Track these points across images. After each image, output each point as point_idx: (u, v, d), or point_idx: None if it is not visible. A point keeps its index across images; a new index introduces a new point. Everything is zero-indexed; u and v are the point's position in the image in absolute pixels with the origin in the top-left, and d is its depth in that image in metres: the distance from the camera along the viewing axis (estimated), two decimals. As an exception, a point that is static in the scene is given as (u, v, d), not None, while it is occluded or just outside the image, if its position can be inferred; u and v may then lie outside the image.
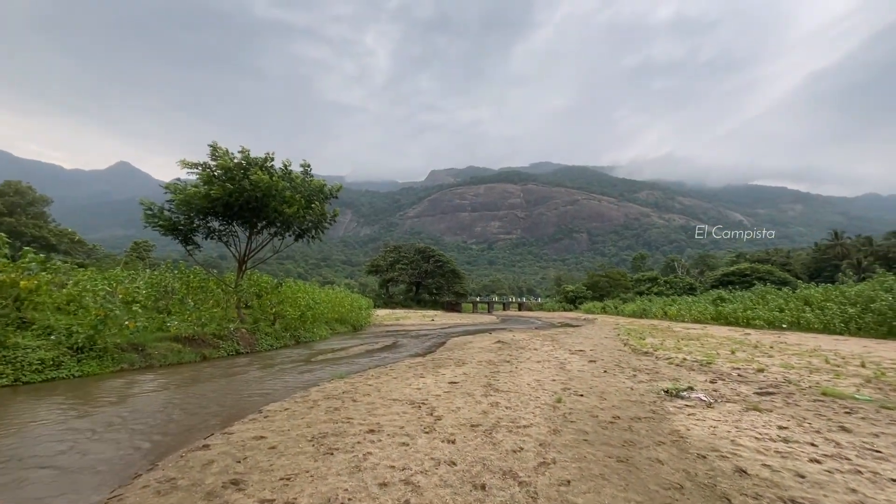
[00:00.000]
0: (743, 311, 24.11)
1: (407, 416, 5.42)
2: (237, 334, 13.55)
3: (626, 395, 6.96)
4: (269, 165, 14.19)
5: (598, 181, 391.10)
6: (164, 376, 9.00)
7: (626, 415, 5.72)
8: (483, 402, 6.22)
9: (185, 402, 6.63)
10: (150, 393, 7.30)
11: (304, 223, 15.26)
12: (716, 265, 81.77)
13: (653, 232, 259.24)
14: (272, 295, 17.06)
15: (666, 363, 10.60)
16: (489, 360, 11.09)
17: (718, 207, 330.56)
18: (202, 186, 12.87)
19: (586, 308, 62.22)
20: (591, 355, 12.33)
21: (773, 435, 4.73)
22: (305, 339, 16.96)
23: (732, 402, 6.40)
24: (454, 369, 9.41)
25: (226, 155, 13.05)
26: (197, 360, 11.16)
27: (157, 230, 14.07)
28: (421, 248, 78.51)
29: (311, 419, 5.31)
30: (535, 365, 10.23)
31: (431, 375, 8.62)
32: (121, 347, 9.94)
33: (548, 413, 5.71)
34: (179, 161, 12.98)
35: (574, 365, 10.26)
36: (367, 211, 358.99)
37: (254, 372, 9.94)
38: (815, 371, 8.78)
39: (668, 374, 8.96)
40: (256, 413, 5.71)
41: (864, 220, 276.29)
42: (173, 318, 12.11)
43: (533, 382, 7.95)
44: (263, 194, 13.17)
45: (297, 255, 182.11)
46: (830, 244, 62.80)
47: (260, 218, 14.30)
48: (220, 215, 13.87)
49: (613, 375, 8.88)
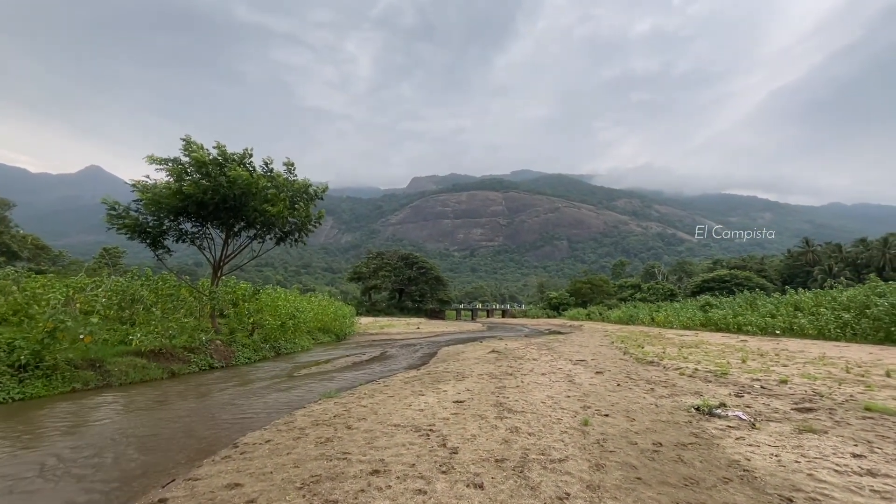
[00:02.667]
0: (733, 317, 23.96)
1: (416, 449, 4.51)
2: (211, 346, 12.34)
3: (655, 414, 6.21)
4: (249, 162, 13.08)
5: (577, 189, 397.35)
6: (123, 398, 7.82)
7: (667, 440, 4.95)
8: (500, 427, 5.36)
9: (144, 433, 5.55)
10: (102, 421, 6.16)
11: (288, 225, 14.12)
12: (693, 271, 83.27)
13: (631, 239, 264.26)
14: (250, 303, 15.84)
15: (677, 374, 9.96)
16: (490, 372, 10.23)
17: (693, 215, 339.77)
18: (173, 183, 11.66)
19: (570, 315, 62.07)
20: (594, 366, 11.63)
21: (852, 466, 4.02)
22: (287, 350, 15.79)
23: (776, 421, 5.72)
24: (455, 385, 8.52)
25: (200, 149, 11.87)
26: (164, 377, 9.95)
27: (123, 233, 12.76)
28: (404, 255, 77.42)
29: (300, 455, 4.35)
30: (542, 378, 9.43)
31: (432, 393, 7.71)
32: (74, 364, 8.69)
33: (578, 440, 4.89)
34: (147, 156, 11.75)
35: (582, 377, 9.51)
36: (348, 217, 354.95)
37: (230, 390, 8.82)
38: (841, 382, 8.25)
39: (686, 388, 8.29)
40: (231, 448, 4.69)
41: (829, 227, 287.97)
42: (137, 330, 10.85)
43: (546, 399, 7.13)
44: (242, 192, 12.03)
45: (277, 261, 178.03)
46: (802, 251, 64.52)
47: (238, 219, 13.11)
48: (193, 216, 12.65)
49: (629, 389, 8.15)
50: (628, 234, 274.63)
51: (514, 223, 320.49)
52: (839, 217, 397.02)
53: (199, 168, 11.81)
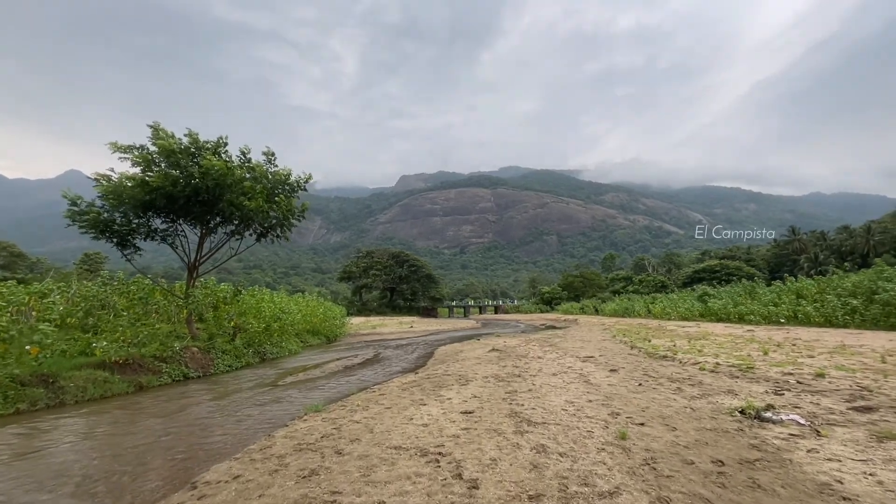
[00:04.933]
0: (734, 307, 23.45)
1: (424, 483, 3.57)
2: (186, 354, 11.22)
3: (695, 420, 5.36)
4: (224, 152, 11.93)
5: (565, 184, 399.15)
6: (75, 418, 6.73)
7: (727, 456, 4.08)
8: (523, 446, 4.44)
9: (87, 469, 4.51)
10: (40, 452, 5.10)
11: (268, 219, 12.98)
12: (682, 263, 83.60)
13: (619, 233, 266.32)
14: (231, 305, 14.70)
15: (697, 369, 9.17)
16: (495, 374, 9.32)
17: (679, 208, 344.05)
18: (138, 174, 10.48)
19: (563, 309, 61.63)
20: (605, 363, 10.80)
21: (980, 488, 3.19)
22: (272, 355, 14.71)
23: (841, 426, 4.90)
24: (460, 391, 7.58)
25: (170, 137, 10.68)
26: (130, 392, 8.84)
27: (87, 232, 11.55)
28: (395, 253, 76.24)
29: (274, 499, 3.37)
30: (554, 379, 8.55)
31: (435, 401, 6.76)
32: (20, 381, 7.55)
33: (622, 460, 4.00)
34: (110, 143, 10.51)
35: (598, 377, 8.65)
36: (336, 217, 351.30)
37: (203, 405, 7.77)
38: (886, 374, 7.51)
39: (715, 385, 7.47)
40: (187, 490, 3.68)
41: (810, 216, 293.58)
42: (102, 338, 9.70)
43: (567, 405, 6.24)
44: (216, 184, 10.88)
45: (265, 263, 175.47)
46: (788, 240, 64.97)
47: (213, 214, 11.95)
48: (162, 210, 11.47)
49: (653, 390, 7.31)
50: (616, 228, 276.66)
51: (503, 219, 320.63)
52: (819, 206, 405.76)
53: (167, 157, 10.63)
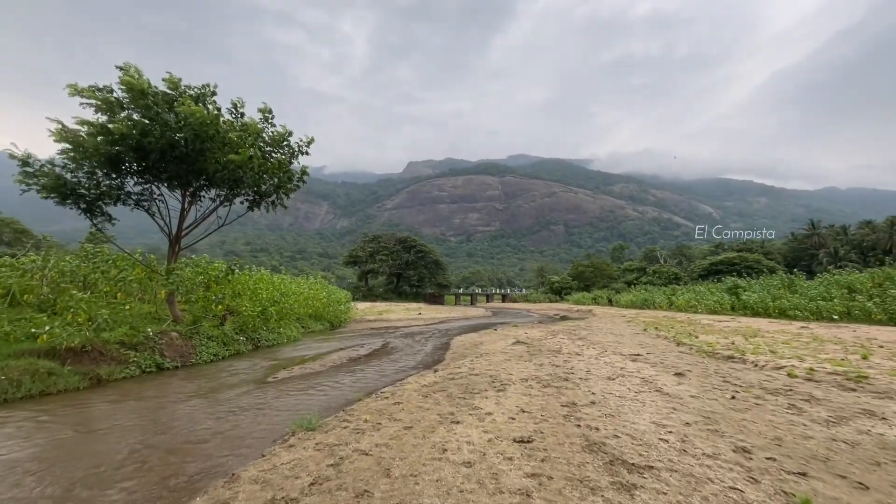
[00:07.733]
0: (773, 301, 21.44)
1: None
2: (164, 340, 9.53)
3: (874, 466, 3.54)
4: (212, 102, 10.02)
5: (574, 174, 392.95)
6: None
7: None
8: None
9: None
10: None
11: (263, 182, 11.07)
12: (692, 255, 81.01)
13: (627, 224, 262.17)
14: (222, 285, 12.99)
15: (786, 376, 7.32)
16: (535, 376, 7.52)
17: (690, 200, 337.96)
18: (99, 120, 8.63)
19: (574, 299, 59.73)
20: (659, 363, 8.98)
21: None
22: (268, 342, 13.06)
23: None
24: (499, 400, 5.78)
25: (139, 75, 8.78)
26: (83, 387, 7.15)
27: (47, 196, 9.78)
28: (402, 238, 74.57)
29: None
30: (613, 386, 6.73)
31: (470, 416, 4.97)
32: (-68, 373, 5.87)
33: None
34: (69, 86, 8.64)
35: (668, 384, 6.81)
36: (344, 203, 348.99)
37: (168, 408, 6.06)
38: None
39: (838, 402, 5.62)
40: None
41: (824, 212, 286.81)
42: (53, 320, 7.99)
43: (658, 430, 4.43)
44: (195, 135, 9.01)
45: (272, 247, 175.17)
46: (808, 234, 62.20)
47: (195, 174, 10.07)
48: (132, 169, 9.62)
49: (758, 406, 5.47)
50: (624, 219, 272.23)
51: (510, 208, 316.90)
52: (834, 201, 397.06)
53: (135, 100, 8.73)
